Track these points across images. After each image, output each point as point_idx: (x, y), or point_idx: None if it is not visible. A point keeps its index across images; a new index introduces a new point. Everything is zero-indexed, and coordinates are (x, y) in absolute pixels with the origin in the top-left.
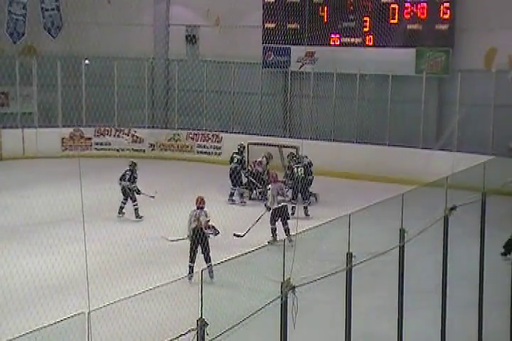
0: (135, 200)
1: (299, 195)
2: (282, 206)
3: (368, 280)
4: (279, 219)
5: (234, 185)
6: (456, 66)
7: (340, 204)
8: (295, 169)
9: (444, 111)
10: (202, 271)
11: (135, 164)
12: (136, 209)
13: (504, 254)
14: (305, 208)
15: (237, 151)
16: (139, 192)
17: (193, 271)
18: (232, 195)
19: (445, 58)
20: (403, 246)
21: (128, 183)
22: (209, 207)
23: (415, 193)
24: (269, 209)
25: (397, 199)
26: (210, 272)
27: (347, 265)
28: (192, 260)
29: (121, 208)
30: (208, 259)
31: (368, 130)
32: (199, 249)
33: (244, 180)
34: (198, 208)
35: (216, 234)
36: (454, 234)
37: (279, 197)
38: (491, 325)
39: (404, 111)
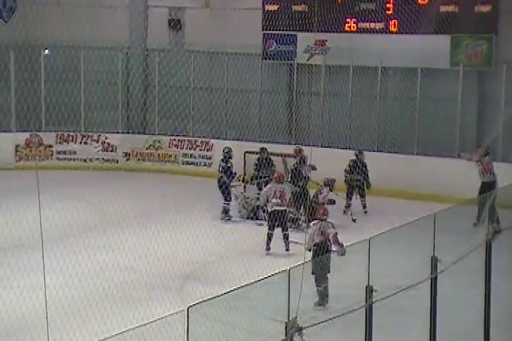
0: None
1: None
2: (278, 210)
3: (392, 320)
4: (279, 225)
5: (225, 199)
6: (501, 57)
7: (357, 227)
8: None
9: (485, 112)
10: (188, 308)
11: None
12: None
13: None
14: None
15: (222, 158)
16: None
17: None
18: (226, 211)
19: (487, 47)
20: (436, 277)
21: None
22: (198, 229)
23: (450, 213)
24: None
25: (428, 219)
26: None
27: (366, 301)
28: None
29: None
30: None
31: (392, 135)
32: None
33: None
34: (320, 220)
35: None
36: (497, 264)
37: (274, 200)
38: None
39: (436, 112)
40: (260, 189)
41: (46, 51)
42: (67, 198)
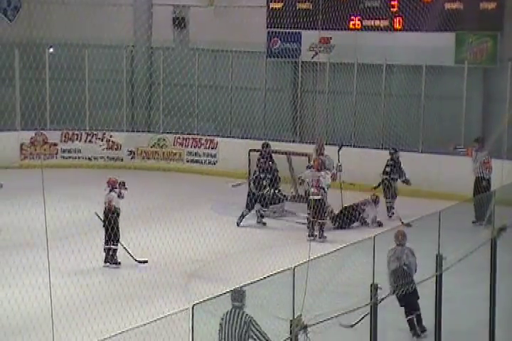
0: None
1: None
2: (314, 199)
3: (396, 318)
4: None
5: (246, 206)
6: (506, 54)
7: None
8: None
9: (490, 110)
10: (193, 306)
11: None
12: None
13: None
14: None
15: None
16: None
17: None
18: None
19: (492, 44)
20: (441, 275)
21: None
22: (202, 227)
23: (455, 210)
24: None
25: (433, 218)
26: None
27: (371, 299)
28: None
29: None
30: None
31: (396, 133)
32: None
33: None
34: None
35: None
36: (502, 261)
37: (311, 189)
38: None
39: (441, 109)
40: (260, 185)
41: (51, 49)
42: (71, 196)
